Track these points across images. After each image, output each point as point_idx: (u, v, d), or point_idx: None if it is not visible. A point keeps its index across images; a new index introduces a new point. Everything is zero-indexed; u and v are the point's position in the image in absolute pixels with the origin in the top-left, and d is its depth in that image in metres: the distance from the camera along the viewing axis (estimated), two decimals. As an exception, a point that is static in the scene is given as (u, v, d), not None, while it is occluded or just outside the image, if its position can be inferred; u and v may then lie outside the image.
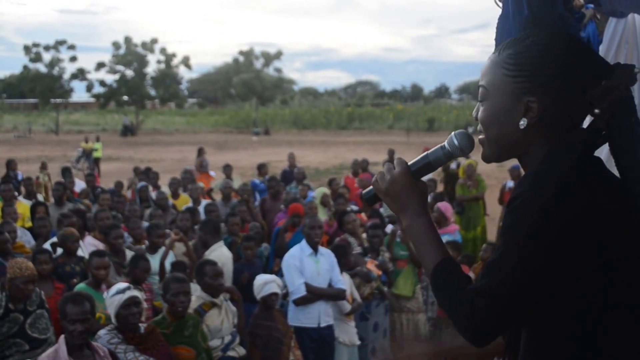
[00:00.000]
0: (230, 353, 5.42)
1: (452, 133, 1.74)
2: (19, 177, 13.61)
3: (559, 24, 1.59)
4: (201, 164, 15.99)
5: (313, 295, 6.07)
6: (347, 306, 6.35)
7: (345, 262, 6.55)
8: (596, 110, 1.53)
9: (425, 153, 1.76)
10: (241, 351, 5.53)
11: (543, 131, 1.58)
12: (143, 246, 7.11)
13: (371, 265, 6.84)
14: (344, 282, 6.29)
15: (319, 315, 6.09)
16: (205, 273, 5.41)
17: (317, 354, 6.07)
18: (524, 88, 1.55)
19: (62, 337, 4.07)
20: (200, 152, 17.09)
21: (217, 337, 5.35)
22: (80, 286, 5.48)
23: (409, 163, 1.74)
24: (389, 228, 7.76)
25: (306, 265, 6.15)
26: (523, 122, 1.56)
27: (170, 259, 6.68)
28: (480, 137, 1.68)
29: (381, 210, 9.57)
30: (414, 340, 7.41)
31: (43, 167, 16.09)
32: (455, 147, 1.71)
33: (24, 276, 4.85)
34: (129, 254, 6.60)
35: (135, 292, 4.51)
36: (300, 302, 6.06)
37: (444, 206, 8.44)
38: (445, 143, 1.73)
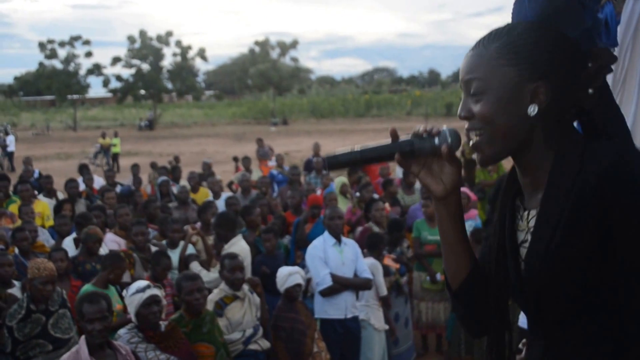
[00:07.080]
0: (253, 346, 5.37)
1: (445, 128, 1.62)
2: (35, 175, 13.53)
3: (575, 3, 1.52)
4: (263, 152, 17.01)
5: (339, 285, 6.01)
6: (384, 288, 6.31)
7: (380, 251, 6.58)
8: (590, 90, 1.54)
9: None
10: (265, 344, 5.47)
11: (547, 122, 1.53)
12: (164, 242, 7.07)
13: (388, 260, 6.75)
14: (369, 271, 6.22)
15: (346, 306, 6.03)
16: (224, 266, 5.40)
17: (343, 346, 6.02)
18: (527, 75, 1.51)
19: (82, 337, 4.05)
20: (261, 141, 18.14)
21: (237, 330, 5.30)
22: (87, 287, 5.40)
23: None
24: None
25: (330, 256, 6.09)
26: (532, 109, 1.51)
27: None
28: (477, 138, 1.57)
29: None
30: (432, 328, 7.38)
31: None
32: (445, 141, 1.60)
33: (42, 276, 4.82)
34: (154, 249, 6.58)
35: (155, 291, 4.47)
36: (327, 292, 5.99)
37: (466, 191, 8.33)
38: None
